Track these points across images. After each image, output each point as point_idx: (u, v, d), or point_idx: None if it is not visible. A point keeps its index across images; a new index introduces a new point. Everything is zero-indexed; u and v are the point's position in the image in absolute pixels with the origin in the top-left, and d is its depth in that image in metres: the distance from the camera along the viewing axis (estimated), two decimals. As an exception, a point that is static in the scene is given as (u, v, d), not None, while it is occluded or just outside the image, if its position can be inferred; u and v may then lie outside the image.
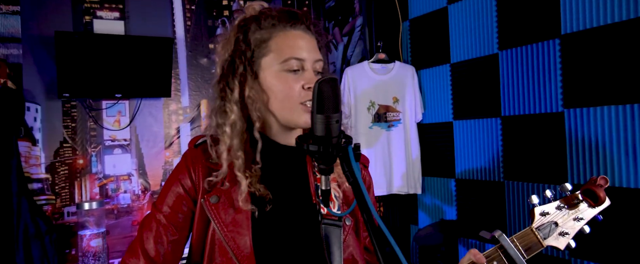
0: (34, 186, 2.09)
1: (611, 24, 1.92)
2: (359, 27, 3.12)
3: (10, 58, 2.06)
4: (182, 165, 1.04)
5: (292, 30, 1.02)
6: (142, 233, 1.01)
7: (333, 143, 0.79)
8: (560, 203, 1.04)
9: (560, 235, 1.03)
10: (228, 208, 0.98)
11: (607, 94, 1.95)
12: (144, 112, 2.35)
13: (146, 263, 0.98)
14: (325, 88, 0.77)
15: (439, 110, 2.81)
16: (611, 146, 1.94)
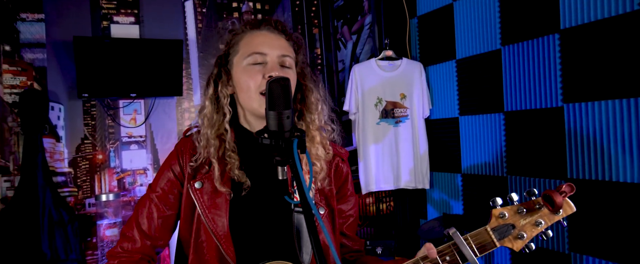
0: (58, 179, 2.28)
1: (609, 18, 1.91)
2: (368, 25, 3.17)
3: (36, 62, 2.25)
4: (173, 152, 1.19)
5: (257, 31, 1.14)
6: (138, 209, 1.16)
7: (285, 137, 0.88)
8: (521, 207, 1.05)
9: (515, 238, 1.04)
10: (210, 192, 1.10)
11: (606, 88, 1.94)
12: (158, 110, 2.50)
13: (139, 234, 1.13)
14: (275, 88, 0.85)
15: (446, 106, 2.83)
16: (609, 140, 1.93)
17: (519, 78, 2.33)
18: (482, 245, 1.02)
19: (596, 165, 1.99)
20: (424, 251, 1.01)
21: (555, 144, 2.15)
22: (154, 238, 1.14)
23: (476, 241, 1.02)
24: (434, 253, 1.00)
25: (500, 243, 1.03)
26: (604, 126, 1.95)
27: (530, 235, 1.05)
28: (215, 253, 1.08)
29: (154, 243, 1.15)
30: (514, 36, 2.34)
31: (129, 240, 1.13)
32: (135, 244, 1.12)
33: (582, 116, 2.04)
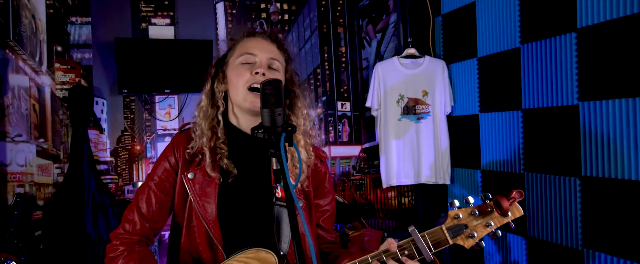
0: (101, 167, 2.52)
1: (625, 17, 1.91)
2: (393, 23, 3.25)
3: (83, 61, 2.49)
4: (169, 145, 1.31)
5: (250, 38, 1.29)
6: (138, 195, 1.28)
7: (278, 132, 1.01)
8: (474, 210, 1.14)
9: (467, 236, 1.13)
10: (201, 181, 1.23)
11: (621, 87, 1.95)
12: (190, 105, 2.70)
13: (139, 217, 1.25)
14: (267, 88, 0.98)
15: (467, 103, 2.88)
16: (623, 139, 1.94)
17: (536, 76, 2.35)
18: (437, 242, 1.12)
19: (610, 163, 2.00)
20: (386, 245, 1.11)
21: (571, 142, 2.17)
22: (152, 221, 1.25)
23: (432, 238, 1.12)
24: (394, 247, 1.10)
25: (453, 241, 1.13)
26: (618, 124, 1.96)
27: (480, 235, 1.14)
28: (205, 237, 1.21)
29: (152, 225, 1.26)
30: (533, 34, 2.36)
31: (129, 223, 1.25)
32: (135, 227, 1.24)
33: (597, 114, 2.05)
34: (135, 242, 1.23)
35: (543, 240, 2.35)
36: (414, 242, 1.11)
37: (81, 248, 2.32)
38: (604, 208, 2.03)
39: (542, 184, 2.34)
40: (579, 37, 2.12)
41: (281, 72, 1.29)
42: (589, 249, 2.11)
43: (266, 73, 1.22)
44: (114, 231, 1.27)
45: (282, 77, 1.29)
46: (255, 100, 1.20)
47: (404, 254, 1.11)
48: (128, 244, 1.22)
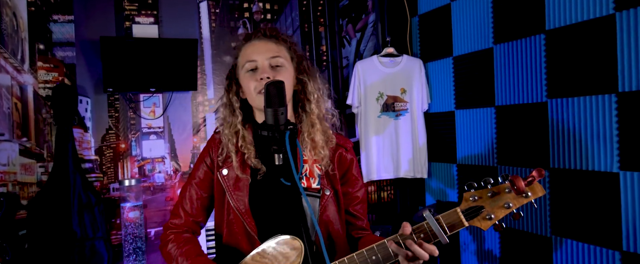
0: (86, 165, 2.52)
1: (588, 20, 2.07)
2: (372, 23, 3.35)
3: (67, 59, 2.48)
4: (206, 148, 1.44)
5: (248, 43, 1.35)
6: (182, 193, 1.43)
7: (280, 130, 1.08)
8: (491, 191, 1.14)
9: (484, 218, 1.13)
10: (234, 177, 1.34)
11: (585, 85, 2.10)
12: (175, 104, 2.72)
13: (183, 212, 1.40)
14: (271, 89, 1.06)
15: (443, 100, 3.01)
16: (587, 133, 2.10)
17: (508, 75, 2.50)
18: (451, 224, 1.14)
19: (576, 156, 2.16)
20: (402, 230, 1.16)
21: (540, 136, 2.32)
22: (195, 215, 1.41)
23: (447, 220, 1.14)
24: (409, 230, 1.15)
25: (470, 223, 1.14)
26: (583, 120, 2.12)
27: (498, 216, 1.14)
28: (242, 228, 1.32)
29: (195, 220, 1.41)
30: (505, 36, 2.51)
31: (176, 217, 1.41)
32: (181, 220, 1.40)
33: (564, 110, 2.20)
34: (183, 231, 1.39)
35: (515, 229, 2.50)
36: (430, 226, 1.13)
37: (67, 247, 2.33)
38: (570, 198, 2.19)
39: (514, 176, 2.49)
40: (547, 39, 2.27)
41: (287, 64, 1.34)
42: (557, 236, 2.27)
43: (271, 75, 1.28)
44: (166, 223, 1.43)
45: (288, 69, 1.33)
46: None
47: (420, 237, 1.14)
48: (176, 233, 1.38)
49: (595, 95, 2.06)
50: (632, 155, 1.93)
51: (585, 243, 2.13)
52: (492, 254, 2.68)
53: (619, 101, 1.97)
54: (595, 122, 2.06)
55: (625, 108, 1.95)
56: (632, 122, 1.92)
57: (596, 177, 2.07)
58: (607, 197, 2.02)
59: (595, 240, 2.09)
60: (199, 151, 2.76)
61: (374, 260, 1.15)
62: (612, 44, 1.97)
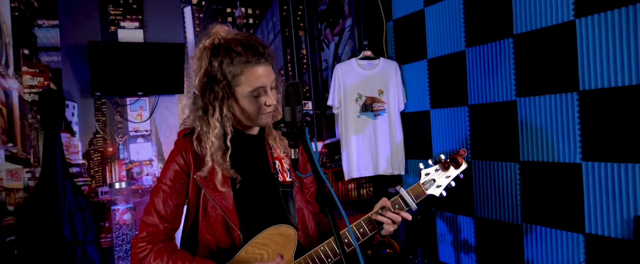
0: (73, 170, 2.52)
1: (553, 26, 2.28)
2: (349, 27, 3.50)
3: (52, 64, 2.48)
4: (175, 150, 1.39)
5: (257, 66, 1.33)
6: (153, 198, 1.36)
7: (297, 126, 1.19)
8: (438, 167, 1.51)
9: (436, 187, 1.49)
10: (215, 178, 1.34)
11: (551, 84, 2.31)
12: (161, 107, 2.76)
13: (159, 219, 1.33)
14: (290, 89, 1.16)
15: (419, 100, 3.19)
16: (552, 128, 2.32)
17: (480, 76, 2.70)
18: (417, 195, 1.46)
19: (543, 149, 2.37)
20: (381, 203, 1.42)
21: (510, 132, 2.52)
22: (171, 221, 1.35)
23: (413, 192, 1.46)
24: (388, 203, 1.41)
25: (427, 192, 1.47)
26: (548, 116, 2.33)
27: (444, 184, 1.49)
28: (221, 224, 1.35)
29: (172, 226, 1.36)
30: (476, 39, 2.70)
31: (150, 226, 1.33)
32: (157, 228, 1.32)
33: (532, 108, 2.41)
34: (161, 240, 1.34)
35: (489, 218, 2.70)
36: (402, 197, 1.43)
37: (58, 251, 2.33)
38: (538, 187, 2.40)
39: (487, 170, 2.69)
40: (515, 42, 2.47)
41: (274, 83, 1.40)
42: (527, 223, 2.47)
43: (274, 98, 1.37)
44: (136, 236, 1.34)
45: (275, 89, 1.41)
46: (268, 119, 1.37)
47: (396, 208, 1.41)
48: (153, 243, 1.32)
49: (559, 93, 2.27)
50: (592, 146, 2.15)
51: (553, 228, 2.34)
52: (468, 244, 2.87)
53: (580, 99, 2.19)
54: (560, 118, 2.28)
55: (585, 105, 2.17)
56: (591, 117, 2.15)
57: (561, 168, 2.28)
58: (571, 186, 2.24)
59: (561, 225, 2.30)
60: (186, 154, 2.82)
61: (361, 232, 1.41)
62: (573, 47, 2.19)
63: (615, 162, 2.06)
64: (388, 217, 1.39)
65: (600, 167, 2.12)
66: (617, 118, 2.06)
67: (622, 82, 2.03)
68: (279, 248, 1.35)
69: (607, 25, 2.06)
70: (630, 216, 2.02)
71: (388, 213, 1.39)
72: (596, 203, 2.14)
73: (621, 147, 2.04)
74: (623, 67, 2.02)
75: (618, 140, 2.05)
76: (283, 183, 1.45)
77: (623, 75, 2.02)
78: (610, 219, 2.10)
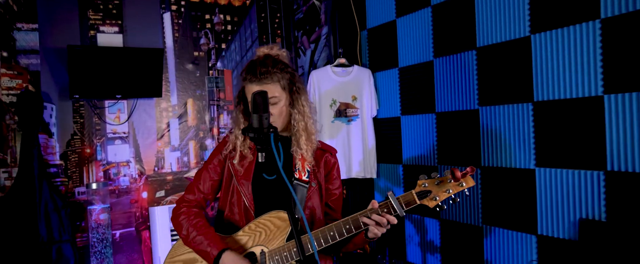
0: (51, 170, 2.57)
1: (511, 40, 2.44)
2: (325, 35, 3.62)
3: (31, 66, 2.53)
4: (221, 144, 1.73)
5: (251, 84, 1.60)
6: (198, 175, 1.71)
7: (264, 132, 1.29)
8: (437, 180, 1.50)
9: (431, 199, 1.49)
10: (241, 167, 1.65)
11: (509, 95, 2.47)
12: (139, 110, 2.83)
13: (197, 190, 1.69)
14: (258, 98, 1.27)
15: (390, 107, 3.33)
16: (510, 135, 2.47)
17: (446, 85, 2.85)
18: (408, 202, 1.49)
19: (501, 155, 2.52)
20: (370, 205, 1.51)
21: (473, 139, 2.68)
22: (206, 194, 1.70)
23: (404, 199, 1.50)
24: (376, 206, 1.49)
25: (420, 202, 1.49)
26: (507, 124, 2.49)
27: (441, 198, 1.49)
28: (242, 207, 1.64)
29: (205, 197, 1.70)
30: (443, 50, 2.85)
31: (191, 193, 1.69)
32: (195, 196, 1.68)
33: (493, 116, 2.57)
34: (193, 206, 1.67)
35: (452, 220, 2.84)
36: (391, 202, 1.48)
37: (34, 250, 2.38)
38: (497, 191, 2.56)
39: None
40: (478, 54, 2.63)
41: (280, 95, 1.59)
42: (487, 225, 2.62)
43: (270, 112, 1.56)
44: (180, 199, 1.70)
45: (283, 97, 1.60)
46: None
47: (384, 211, 1.48)
48: (188, 207, 1.67)
49: (516, 103, 2.43)
50: (545, 153, 2.31)
51: (509, 230, 2.49)
52: (434, 245, 3.01)
53: (535, 109, 2.35)
54: (517, 126, 2.44)
55: (539, 114, 2.33)
56: (544, 126, 2.31)
57: (517, 173, 2.44)
58: (525, 190, 2.40)
59: (517, 227, 2.46)
60: (163, 155, 2.89)
61: (347, 228, 1.50)
62: (528, 60, 2.35)
63: (565, 168, 2.23)
64: (373, 219, 1.47)
65: (551, 173, 2.28)
66: (566, 128, 2.22)
67: (571, 94, 2.19)
68: (275, 230, 1.57)
69: (559, 41, 2.22)
70: (576, 218, 2.18)
71: (374, 215, 1.47)
72: (547, 206, 2.30)
73: (570, 154, 2.21)
74: (572, 80, 2.18)
75: (567, 148, 2.22)
76: (298, 179, 1.64)
77: (572, 88, 2.19)
78: (559, 221, 2.26)
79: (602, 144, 2.08)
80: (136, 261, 2.80)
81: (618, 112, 2.02)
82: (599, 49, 2.07)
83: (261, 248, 1.58)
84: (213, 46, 3.11)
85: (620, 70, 2.01)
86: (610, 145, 2.06)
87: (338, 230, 1.50)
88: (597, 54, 2.08)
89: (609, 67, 2.05)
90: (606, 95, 2.06)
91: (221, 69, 3.14)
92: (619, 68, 2.01)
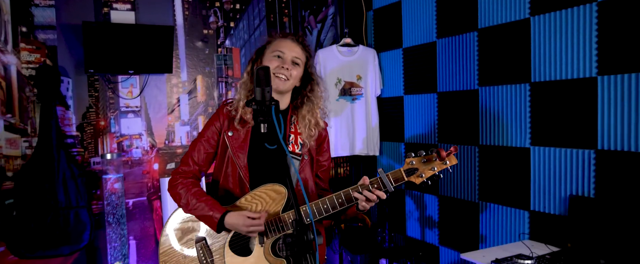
0: (68, 141, 2.71)
1: (512, 22, 2.50)
2: (331, 15, 3.68)
3: (48, 41, 2.65)
4: (216, 114, 1.78)
5: (283, 39, 1.74)
6: (193, 147, 1.76)
7: (266, 104, 1.40)
8: (423, 158, 1.59)
9: (418, 176, 1.58)
10: (237, 139, 1.72)
11: (508, 75, 2.54)
12: (151, 85, 2.95)
13: (192, 162, 1.74)
14: (260, 72, 1.36)
15: (394, 87, 3.41)
16: (508, 115, 2.55)
17: (448, 65, 2.92)
18: (396, 179, 1.58)
19: (498, 134, 2.61)
20: (361, 181, 1.60)
21: (472, 118, 2.76)
22: (201, 165, 1.76)
23: (393, 176, 1.58)
24: (367, 182, 1.58)
25: (408, 178, 1.57)
26: (504, 104, 2.57)
27: (427, 175, 1.58)
28: (237, 178, 1.71)
29: (201, 168, 1.77)
30: (446, 31, 2.92)
31: (186, 165, 1.75)
32: (190, 168, 1.74)
33: (492, 96, 2.64)
34: (189, 177, 1.74)
35: (450, 197, 2.95)
36: (381, 179, 1.57)
37: (53, 214, 2.54)
38: (494, 169, 2.65)
39: (451, 152, 2.92)
40: (479, 36, 2.69)
41: (301, 66, 1.73)
42: (483, 201, 2.73)
43: (290, 67, 1.68)
44: (175, 170, 1.76)
45: (301, 69, 1.73)
46: (278, 82, 1.67)
47: (374, 187, 1.57)
48: (184, 178, 1.73)
49: (514, 84, 2.50)
50: (540, 133, 2.39)
51: (504, 206, 2.60)
52: (432, 220, 3.13)
53: (532, 89, 2.42)
54: (514, 106, 2.52)
55: (536, 95, 2.40)
56: (540, 106, 2.38)
57: (513, 152, 2.53)
58: (520, 168, 2.49)
59: (511, 203, 2.56)
60: (173, 129, 3.02)
61: (340, 202, 1.59)
62: (527, 41, 2.41)
63: (558, 147, 2.31)
64: (364, 195, 1.57)
65: (545, 151, 2.37)
66: (561, 108, 2.30)
67: (566, 75, 2.26)
68: (271, 202, 1.66)
69: (557, 23, 2.28)
70: (566, 194, 2.27)
71: (365, 191, 1.57)
72: (540, 183, 2.40)
73: (563, 133, 2.29)
74: (568, 62, 2.25)
75: (561, 127, 2.30)
76: (292, 152, 1.74)
77: (567, 69, 2.25)
78: (550, 197, 2.35)
79: (594, 124, 2.15)
80: (148, 228, 2.96)
81: (610, 92, 2.09)
82: (594, 32, 2.13)
83: None
84: (222, 24, 3.20)
85: (614, 53, 2.07)
86: (601, 125, 2.13)
87: (331, 203, 1.60)
88: (593, 36, 2.14)
89: (603, 49, 2.11)
90: (600, 76, 2.13)
91: (229, 47, 3.24)
92: (613, 50, 2.07)
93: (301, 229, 1.31)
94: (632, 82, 2.01)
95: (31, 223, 2.49)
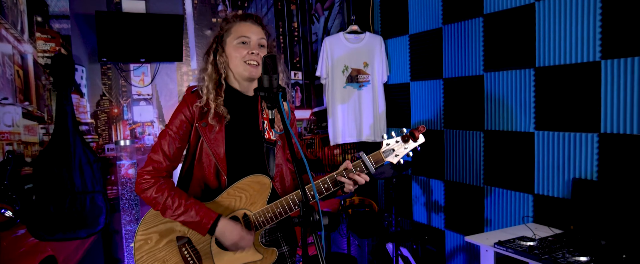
0: (82, 128, 2.80)
1: (516, 7, 2.51)
2: (338, 2, 3.71)
3: (62, 31, 2.72)
4: (183, 102, 1.65)
5: (243, 22, 1.67)
6: (160, 140, 1.62)
7: (274, 91, 1.45)
8: (398, 139, 1.66)
9: (394, 156, 1.65)
10: (212, 130, 1.64)
11: (513, 61, 2.56)
12: (161, 73, 3.02)
13: (163, 157, 1.60)
14: (268, 60, 1.41)
15: (400, 73, 3.44)
16: (512, 100, 2.58)
17: (454, 51, 2.94)
18: (376, 160, 1.62)
19: (503, 119, 2.64)
20: (345, 165, 1.62)
21: (477, 103, 2.79)
22: (172, 160, 1.62)
23: (374, 158, 1.63)
24: (350, 165, 1.61)
25: (386, 159, 1.63)
26: (509, 89, 2.60)
27: (401, 154, 1.66)
28: (213, 169, 1.63)
29: (172, 164, 1.62)
30: (451, 17, 2.93)
31: (155, 162, 1.60)
32: (161, 165, 1.59)
33: (496, 82, 2.67)
34: (163, 176, 1.61)
35: (456, 182, 2.99)
36: (363, 162, 1.62)
37: (70, 198, 2.64)
38: (498, 154, 2.69)
39: (457, 138, 2.97)
40: (485, 21, 2.71)
41: (266, 47, 1.70)
42: (488, 186, 2.77)
43: (258, 51, 1.64)
44: (142, 168, 1.61)
45: (266, 51, 1.69)
46: (252, 70, 1.63)
47: (357, 170, 1.60)
48: (155, 177, 1.59)
49: (519, 69, 2.53)
50: (544, 117, 2.42)
51: (508, 190, 2.64)
52: (438, 204, 3.18)
53: (536, 74, 2.44)
54: (519, 91, 2.54)
55: (540, 80, 2.43)
56: (544, 90, 2.41)
57: (518, 137, 2.56)
58: (525, 152, 2.52)
59: (515, 187, 2.60)
60: (184, 116, 3.09)
61: (326, 187, 1.60)
62: (532, 27, 2.43)
63: (561, 131, 2.34)
64: (350, 178, 1.58)
65: (549, 136, 2.40)
66: (565, 92, 2.32)
67: (570, 60, 2.28)
68: (255, 194, 1.61)
69: (562, 7, 2.29)
70: (569, 178, 2.31)
71: (350, 174, 1.58)
72: (544, 167, 2.43)
73: (567, 117, 2.32)
74: (572, 46, 2.27)
75: (565, 111, 2.32)
76: (267, 140, 1.70)
77: (571, 54, 2.27)
78: (554, 181, 2.39)
79: (597, 107, 2.18)
80: (161, 212, 3.04)
81: (613, 76, 2.12)
82: (598, 15, 2.15)
83: (244, 211, 1.61)
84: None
85: (617, 37, 2.09)
86: (604, 108, 2.16)
87: (318, 189, 1.60)
88: (597, 20, 2.16)
89: (607, 34, 2.12)
90: (603, 60, 2.15)
91: (238, 35, 3.28)
92: (616, 34, 2.09)
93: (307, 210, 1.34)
94: (635, 66, 2.03)
95: (51, 207, 2.59)
